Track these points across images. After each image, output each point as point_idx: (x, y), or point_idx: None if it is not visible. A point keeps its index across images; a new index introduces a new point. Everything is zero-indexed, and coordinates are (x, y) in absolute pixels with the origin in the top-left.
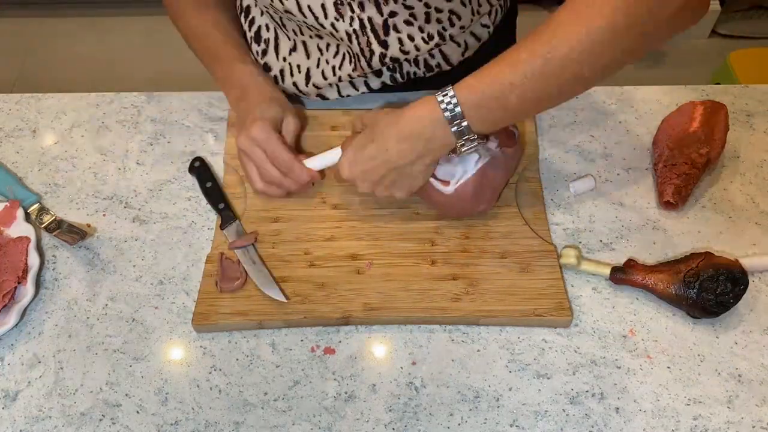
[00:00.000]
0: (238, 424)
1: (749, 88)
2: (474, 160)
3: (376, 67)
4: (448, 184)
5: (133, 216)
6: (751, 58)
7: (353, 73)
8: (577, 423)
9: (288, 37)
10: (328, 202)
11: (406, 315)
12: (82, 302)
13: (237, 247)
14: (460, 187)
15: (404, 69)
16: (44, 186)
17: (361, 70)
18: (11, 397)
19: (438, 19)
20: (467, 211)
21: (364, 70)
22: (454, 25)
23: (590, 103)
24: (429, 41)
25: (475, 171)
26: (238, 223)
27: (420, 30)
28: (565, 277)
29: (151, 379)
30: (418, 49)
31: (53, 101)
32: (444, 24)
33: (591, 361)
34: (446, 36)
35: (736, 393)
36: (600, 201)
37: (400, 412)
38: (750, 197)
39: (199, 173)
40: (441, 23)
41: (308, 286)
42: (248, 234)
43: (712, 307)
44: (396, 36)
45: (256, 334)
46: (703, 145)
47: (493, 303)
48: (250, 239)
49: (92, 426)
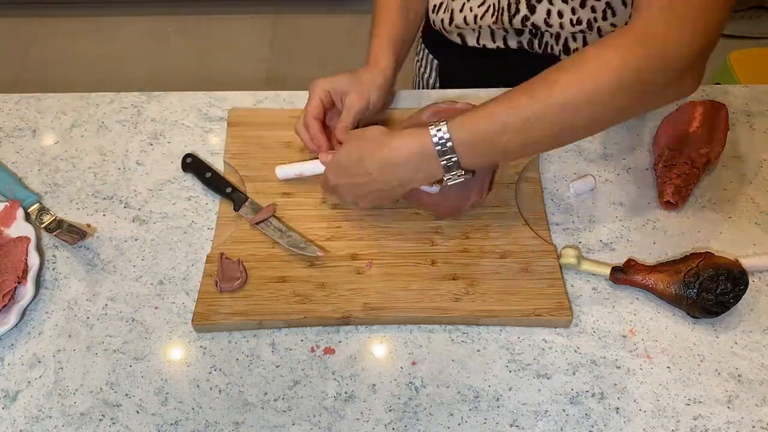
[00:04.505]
0: (238, 424)
1: (749, 88)
2: None
3: (516, 26)
4: (433, 185)
5: (133, 216)
6: (751, 58)
7: (493, 25)
8: (577, 423)
9: None
10: (328, 202)
11: (406, 315)
12: (82, 302)
13: (259, 221)
14: None
15: (544, 39)
16: (44, 186)
17: (501, 23)
18: (11, 397)
19: (593, 7)
20: (459, 208)
21: (504, 25)
22: (606, 19)
23: None
24: (575, 25)
25: None
26: (251, 201)
27: (572, 11)
28: (565, 277)
29: (151, 379)
30: (561, 27)
31: (53, 101)
32: (597, 14)
33: (591, 361)
34: (594, 27)
35: (736, 393)
36: (600, 201)
37: (400, 412)
38: (750, 197)
39: (194, 168)
40: (594, 12)
41: (308, 286)
42: (265, 207)
43: (712, 307)
44: (546, 6)
45: (256, 334)
46: (703, 145)
47: (493, 303)
48: (269, 211)
49: (92, 426)
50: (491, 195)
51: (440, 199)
